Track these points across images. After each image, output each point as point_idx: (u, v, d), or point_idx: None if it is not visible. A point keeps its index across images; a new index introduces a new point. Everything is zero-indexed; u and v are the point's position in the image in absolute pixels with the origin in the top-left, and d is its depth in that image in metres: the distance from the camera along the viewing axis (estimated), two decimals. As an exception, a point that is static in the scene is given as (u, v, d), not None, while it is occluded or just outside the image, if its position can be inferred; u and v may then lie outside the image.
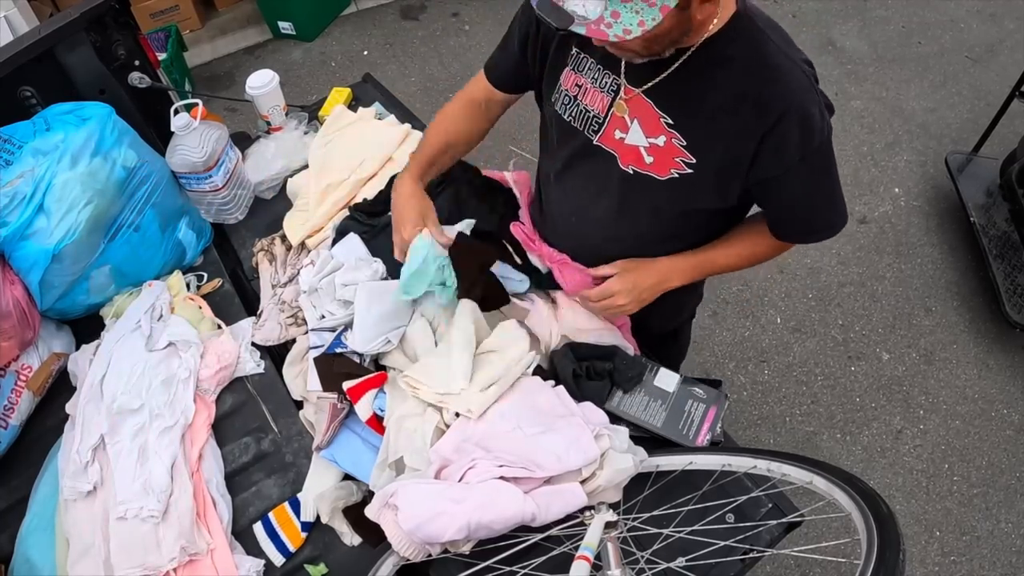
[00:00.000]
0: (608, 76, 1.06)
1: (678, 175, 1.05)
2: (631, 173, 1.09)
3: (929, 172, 3.08)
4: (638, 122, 1.05)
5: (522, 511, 0.97)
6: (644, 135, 1.05)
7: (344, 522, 1.12)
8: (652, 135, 1.04)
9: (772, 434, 2.34)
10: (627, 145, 1.07)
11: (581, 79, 1.10)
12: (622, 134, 1.07)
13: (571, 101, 1.12)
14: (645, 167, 1.07)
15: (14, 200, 1.22)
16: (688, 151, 1.02)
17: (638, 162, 1.07)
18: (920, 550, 2.12)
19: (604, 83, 1.06)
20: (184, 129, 1.44)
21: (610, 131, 1.08)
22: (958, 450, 2.31)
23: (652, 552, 0.96)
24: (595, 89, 1.08)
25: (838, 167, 1.06)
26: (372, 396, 1.17)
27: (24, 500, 1.21)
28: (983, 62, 3.57)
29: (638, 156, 1.07)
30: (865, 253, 2.82)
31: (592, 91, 1.08)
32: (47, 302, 1.33)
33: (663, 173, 1.06)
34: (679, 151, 1.03)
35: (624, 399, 1.19)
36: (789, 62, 0.96)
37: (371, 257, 1.36)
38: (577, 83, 1.10)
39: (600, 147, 1.10)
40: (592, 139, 1.11)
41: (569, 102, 1.12)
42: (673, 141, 1.03)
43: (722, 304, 2.66)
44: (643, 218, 1.15)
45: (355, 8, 3.86)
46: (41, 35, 1.41)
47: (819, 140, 0.99)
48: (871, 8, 3.86)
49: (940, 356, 2.53)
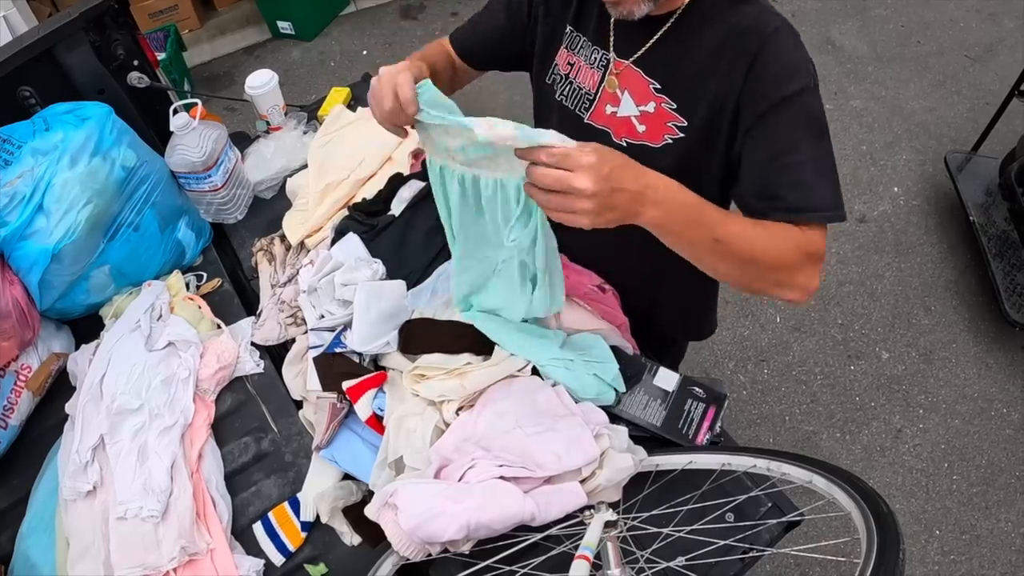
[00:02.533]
0: (598, 52, 1.07)
1: (672, 140, 1.04)
2: (624, 146, 1.08)
3: (928, 171, 3.08)
4: (628, 92, 1.05)
5: (522, 511, 0.97)
6: (635, 104, 1.05)
7: (344, 522, 1.12)
8: (642, 103, 1.04)
9: (772, 433, 2.34)
10: (619, 118, 1.07)
11: (574, 57, 1.11)
12: (613, 108, 1.07)
13: (563, 79, 1.13)
14: (639, 136, 1.07)
15: (13, 200, 1.22)
16: (678, 113, 1.02)
17: (631, 133, 1.07)
18: (920, 549, 2.12)
19: (594, 59, 1.07)
20: (183, 129, 1.44)
21: (601, 108, 1.09)
22: (958, 449, 2.31)
23: (652, 551, 0.96)
24: (586, 66, 1.09)
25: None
26: (372, 396, 1.17)
27: (24, 500, 1.21)
28: (982, 61, 3.57)
29: (631, 127, 1.07)
30: (864, 252, 2.82)
31: (584, 68, 1.09)
32: (46, 302, 1.33)
33: (657, 140, 1.05)
34: (670, 115, 1.03)
35: (623, 399, 1.19)
36: (771, 12, 0.96)
37: (370, 257, 1.36)
38: (570, 61, 1.11)
39: (591, 125, 1.11)
40: (583, 117, 1.11)
41: (561, 80, 1.13)
42: (663, 105, 1.03)
43: (722, 303, 2.65)
44: None
45: (354, 8, 3.86)
46: (40, 35, 1.41)
47: (801, 84, 0.93)
48: (870, 7, 3.86)
49: (939, 355, 2.53)
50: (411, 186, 1.49)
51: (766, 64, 0.94)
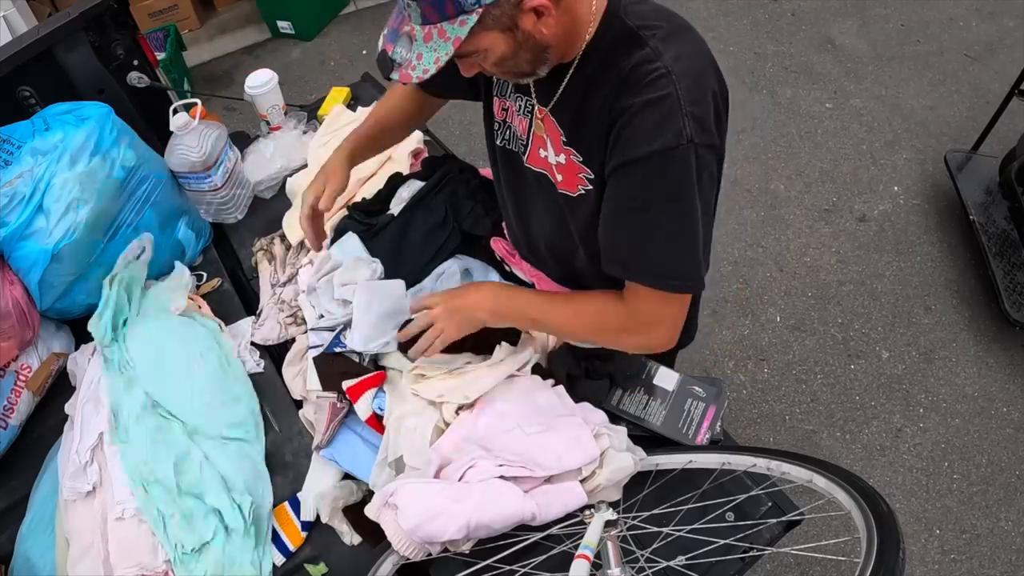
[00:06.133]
0: (522, 99, 1.05)
1: (584, 191, 1.01)
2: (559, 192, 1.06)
3: (928, 170, 3.08)
4: (550, 140, 1.03)
5: (522, 510, 0.97)
6: (554, 154, 1.03)
7: (344, 521, 1.12)
8: (558, 153, 1.02)
9: (772, 432, 2.34)
10: (549, 163, 1.05)
11: (506, 103, 1.10)
12: (544, 152, 1.05)
13: (502, 126, 1.13)
14: (560, 185, 1.05)
15: (13, 200, 1.22)
16: (585, 165, 0.99)
17: (556, 180, 1.05)
18: (920, 548, 2.12)
19: (520, 106, 1.06)
20: (183, 129, 1.44)
21: (535, 151, 1.07)
22: (958, 448, 2.31)
23: (652, 551, 0.96)
24: (516, 112, 1.08)
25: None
26: (372, 395, 1.17)
27: (24, 500, 1.21)
28: (982, 60, 3.57)
29: (554, 174, 1.05)
30: (864, 251, 2.82)
31: (515, 114, 1.08)
32: (46, 302, 1.33)
33: (573, 190, 1.03)
34: (579, 167, 1.00)
35: (623, 398, 1.19)
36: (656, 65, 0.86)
37: (369, 257, 1.36)
38: (503, 107, 1.11)
39: (530, 168, 1.09)
40: (523, 160, 1.10)
41: (500, 127, 1.13)
42: (571, 157, 1.00)
43: (721, 302, 2.66)
44: (575, 236, 1.12)
45: (354, 7, 3.86)
46: (40, 35, 1.41)
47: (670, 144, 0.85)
48: (870, 6, 3.86)
49: (940, 354, 2.53)
50: (410, 186, 1.49)
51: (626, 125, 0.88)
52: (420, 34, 0.82)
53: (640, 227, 0.92)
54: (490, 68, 0.91)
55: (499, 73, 0.94)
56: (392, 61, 0.85)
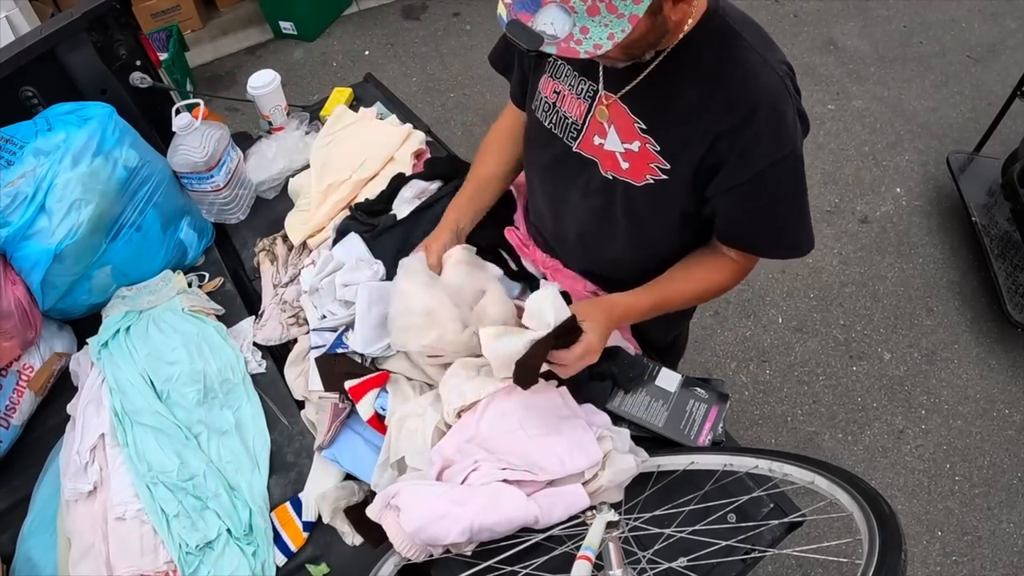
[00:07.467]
0: (585, 83, 1.05)
1: (653, 180, 1.03)
2: (610, 179, 1.08)
3: (931, 172, 3.08)
4: (615, 127, 1.03)
5: (525, 514, 0.97)
6: (620, 140, 1.03)
7: (345, 522, 1.12)
8: (627, 140, 1.03)
9: (774, 434, 2.34)
10: (606, 151, 1.06)
11: (559, 85, 1.09)
12: (601, 140, 1.05)
13: (550, 108, 1.11)
14: (622, 173, 1.06)
15: (15, 200, 1.22)
16: (662, 156, 1.00)
17: (615, 168, 1.06)
18: (922, 550, 2.12)
19: (581, 89, 1.05)
20: (185, 129, 1.44)
21: (589, 137, 1.07)
22: (960, 450, 2.31)
23: (654, 552, 0.96)
24: (572, 95, 1.07)
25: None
26: (374, 396, 1.17)
27: (26, 500, 1.21)
28: (984, 61, 3.56)
29: (615, 162, 1.05)
30: (867, 253, 2.82)
31: (570, 97, 1.07)
32: (49, 302, 1.33)
33: (639, 179, 1.04)
34: (653, 156, 1.01)
35: (626, 399, 1.19)
36: (761, 61, 0.93)
37: (372, 257, 1.36)
38: (555, 89, 1.09)
39: (580, 154, 1.09)
40: (572, 146, 1.10)
41: (548, 109, 1.12)
42: (647, 146, 1.01)
43: (723, 304, 2.66)
44: (622, 224, 1.13)
45: (356, 8, 3.86)
46: (42, 35, 1.41)
47: (790, 147, 0.95)
48: (872, 8, 3.86)
49: (942, 356, 2.53)
50: (413, 186, 1.49)
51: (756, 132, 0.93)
52: (582, 7, 0.77)
53: (795, 217, 1.04)
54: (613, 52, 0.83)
55: (616, 57, 0.90)
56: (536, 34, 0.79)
